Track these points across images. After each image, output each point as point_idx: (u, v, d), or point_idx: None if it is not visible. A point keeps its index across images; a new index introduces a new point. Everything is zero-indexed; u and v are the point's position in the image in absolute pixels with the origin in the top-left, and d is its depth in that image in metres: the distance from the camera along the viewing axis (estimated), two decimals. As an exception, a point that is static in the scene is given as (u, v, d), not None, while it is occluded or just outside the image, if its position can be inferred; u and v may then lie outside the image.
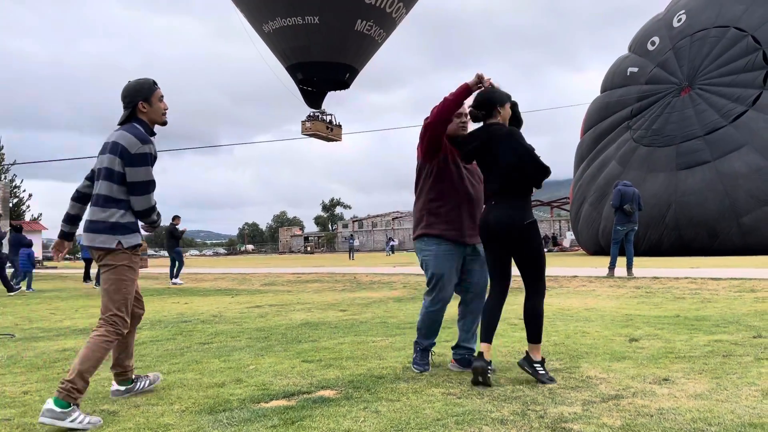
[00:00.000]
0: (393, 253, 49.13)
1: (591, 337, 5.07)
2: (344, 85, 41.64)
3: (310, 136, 43.33)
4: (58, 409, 2.93)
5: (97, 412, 3.20)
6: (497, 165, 3.68)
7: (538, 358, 3.63)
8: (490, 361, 3.64)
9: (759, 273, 10.77)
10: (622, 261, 11.66)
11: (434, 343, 4.21)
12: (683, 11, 24.70)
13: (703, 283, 9.39)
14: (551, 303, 7.86)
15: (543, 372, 3.57)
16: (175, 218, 16.29)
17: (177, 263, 15.59)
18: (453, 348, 4.18)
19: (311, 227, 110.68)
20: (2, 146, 47.82)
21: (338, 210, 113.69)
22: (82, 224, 3.54)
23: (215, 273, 19.34)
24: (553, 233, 59.06)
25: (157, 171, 3.52)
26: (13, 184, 46.86)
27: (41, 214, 50.64)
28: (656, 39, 25.28)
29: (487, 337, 3.66)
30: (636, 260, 12.15)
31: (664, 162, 21.94)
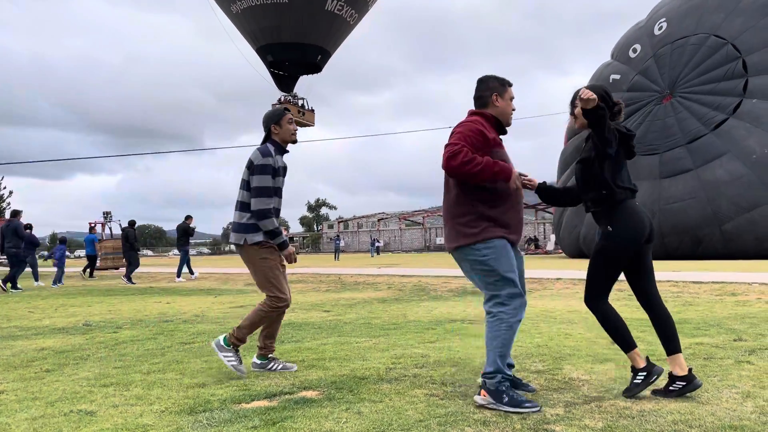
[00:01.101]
0: (378, 254, 49.11)
1: (574, 339, 5.09)
2: (316, 68, 40.17)
3: None
4: (222, 344, 3.95)
5: (74, 412, 3.15)
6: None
7: (678, 373, 3.25)
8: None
9: (740, 277, 10.89)
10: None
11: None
12: (664, 19, 25.00)
13: (685, 287, 9.48)
14: (535, 305, 7.89)
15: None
16: (188, 218, 17.06)
17: (182, 259, 16.48)
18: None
19: (296, 228, 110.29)
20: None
21: (324, 211, 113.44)
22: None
23: (198, 272, 19.20)
24: (536, 236, 59.39)
25: (140, 170, 3.58)
26: (-6, 181, 46.18)
27: (22, 212, 49.93)
28: (638, 46, 25.56)
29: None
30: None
31: (648, 170, 22.16)
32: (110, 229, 29.82)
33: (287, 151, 4.19)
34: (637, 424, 2.74)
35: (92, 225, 23.13)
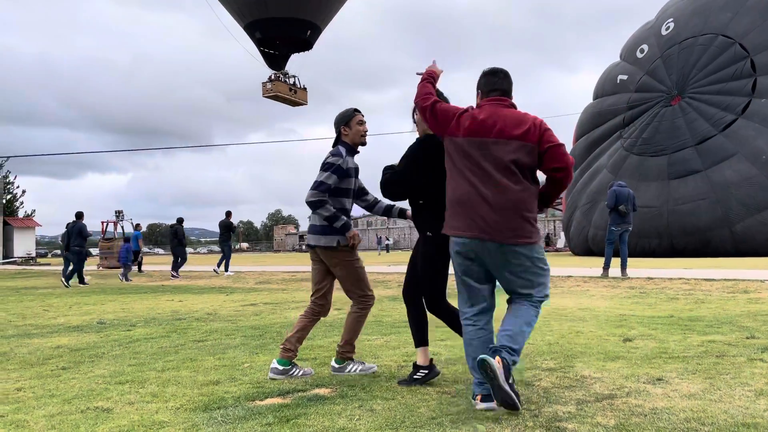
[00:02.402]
0: (388, 252, 49.08)
1: (585, 337, 5.08)
2: (306, 44, 38.86)
3: (272, 98, 39.90)
4: (336, 366, 4.02)
5: (91, 409, 3.20)
6: None
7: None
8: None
9: (752, 274, 10.82)
10: (616, 261, 11.70)
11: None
12: (671, 19, 24.88)
13: (697, 284, 9.43)
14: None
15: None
16: (229, 213, 17.91)
17: (226, 256, 17.18)
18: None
19: (306, 226, 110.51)
20: (-5, 142, 47.58)
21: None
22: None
23: (209, 271, 19.30)
24: (548, 233, 59.18)
25: (149, 169, 3.60)
26: (7, 180, 46.64)
27: (35, 211, 50.43)
28: (645, 47, 25.46)
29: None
30: (630, 261, 12.19)
31: (656, 171, 22.05)
32: (122, 228, 30.01)
33: (358, 152, 4.17)
34: (650, 422, 2.75)
35: (137, 224, 23.44)
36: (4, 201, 42.16)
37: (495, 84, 3.30)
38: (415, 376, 3.58)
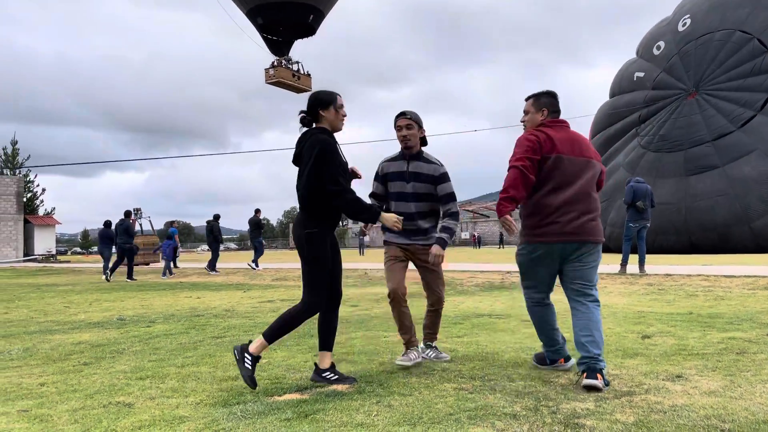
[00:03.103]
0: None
1: (603, 334, 5.05)
2: (310, 29, 38.29)
3: (274, 84, 39.08)
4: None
5: (113, 403, 3.24)
6: None
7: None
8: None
9: (773, 271, 10.67)
10: (634, 258, 11.60)
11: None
12: (688, 15, 24.68)
13: (716, 281, 9.33)
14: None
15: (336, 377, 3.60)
16: (258, 211, 18.80)
17: (258, 251, 17.82)
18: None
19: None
20: (17, 141, 48.24)
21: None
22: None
23: (227, 268, 19.44)
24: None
25: (166, 167, 3.68)
26: (27, 178, 47.27)
27: (54, 209, 51.02)
28: (662, 44, 25.26)
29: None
30: (648, 258, 12.08)
31: (673, 168, 21.84)
32: (140, 225, 30.35)
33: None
34: (669, 419, 2.73)
35: (171, 221, 23.90)
36: (24, 199, 42.74)
37: (557, 106, 3.75)
38: (325, 375, 3.65)
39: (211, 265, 17.31)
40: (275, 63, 39.01)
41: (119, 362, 4.43)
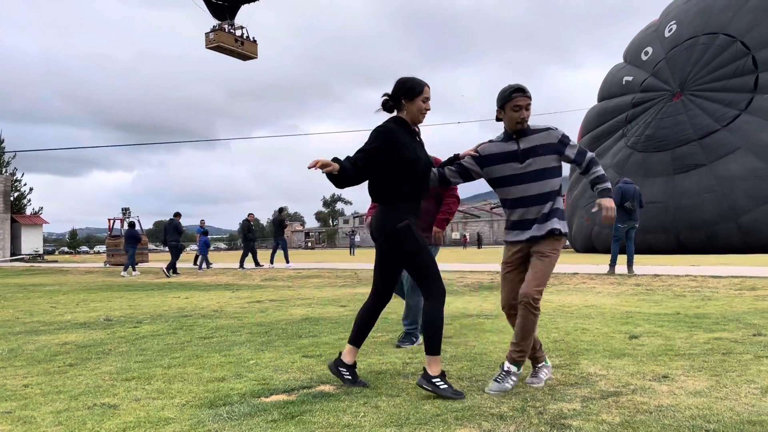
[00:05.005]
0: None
1: (591, 334, 5.07)
2: None
3: (214, 49, 36.92)
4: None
5: (97, 405, 3.21)
6: None
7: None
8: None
9: (759, 271, 10.77)
10: (622, 258, 11.66)
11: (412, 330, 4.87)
12: (674, 21, 25.25)
13: (704, 281, 9.40)
14: (551, 300, 7.87)
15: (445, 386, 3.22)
16: (282, 210, 20.86)
17: (282, 249, 18.88)
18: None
19: (312, 223, 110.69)
20: (2, 140, 47.79)
21: (339, 206, 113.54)
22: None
23: (215, 268, 19.36)
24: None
25: (154, 165, 3.62)
26: (14, 177, 46.84)
27: (42, 208, 50.62)
28: (649, 49, 25.75)
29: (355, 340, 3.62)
30: (636, 258, 12.16)
31: (660, 167, 22.11)
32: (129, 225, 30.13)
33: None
34: (655, 420, 2.74)
35: (201, 220, 23.66)
36: (11, 198, 42.34)
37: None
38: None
39: (255, 262, 18.75)
40: (216, 27, 36.67)
41: (105, 363, 4.39)
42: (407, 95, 3.43)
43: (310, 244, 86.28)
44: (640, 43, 26.77)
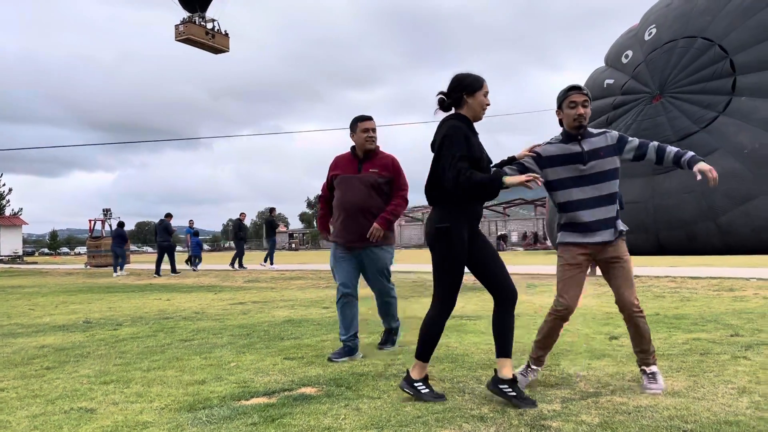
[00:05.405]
0: None
1: (571, 335, 5.10)
2: None
3: (184, 42, 36.31)
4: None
5: (74, 409, 3.17)
6: None
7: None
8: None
9: (737, 272, 10.92)
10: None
11: (345, 335, 4.50)
12: (654, 25, 25.83)
13: (683, 282, 9.51)
14: (532, 301, 7.91)
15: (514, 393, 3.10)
16: (272, 210, 21.08)
17: (271, 250, 18.77)
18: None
19: (296, 224, 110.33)
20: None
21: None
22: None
23: (198, 269, 19.22)
24: (536, 232, 59.40)
25: (136, 166, 3.57)
26: (-7, 178, 46.15)
27: (21, 209, 49.90)
28: (629, 52, 26.24)
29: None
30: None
31: (641, 167, 22.39)
32: (110, 226, 29.81)
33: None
34: (633, 420, 2.77)
35: (190, 220, 23.49)
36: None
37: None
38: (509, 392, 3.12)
39: (238, 262, 18.41)
40: (185, 19, 36.01)
41: (83, 366, 4.34)
42: (468, 90, 3.32)
43: (294, 246, 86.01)
44: (621, 46, 27.19)
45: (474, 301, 8.08)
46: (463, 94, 3.31)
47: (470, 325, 5.90)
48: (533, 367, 3.53)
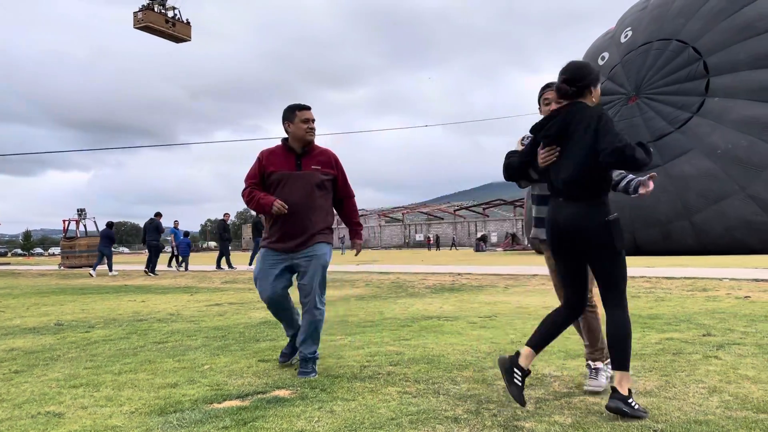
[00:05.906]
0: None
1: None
2: None
3: (143, 29, 34.72)
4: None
5: (42, 414, 3.10)
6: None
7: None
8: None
9: (711, 272, 11.09)
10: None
11: (290, 342, 4.35)
12: (629, 28, 26.32)
13: (658, 282, 9.63)
14: (510, 301, 7.95)
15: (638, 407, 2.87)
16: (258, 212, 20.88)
17: (253, 251, 18.68)
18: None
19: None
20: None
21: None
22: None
23: (174, 271, 19.02)
24: (514, 232, 59.82)
25: (112, 165, 3.52)
26: (-36, 177, 45.23)
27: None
28: (606, 54, 26.74)
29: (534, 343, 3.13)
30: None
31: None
32: (84, 226, 29.38)
33: None
34: (605, 420, 2.78)
35: (175, 221, 23.12)
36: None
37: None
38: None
39: (226, 262, 18.58)
40: (144, 6, 34.72)
41: (53, 370, 4.25)
42: (594, 83, 3.19)
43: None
44: (598, 48, 27.62)
45: (451, 302, 8.10)
46: (591, 86, 3.18)
47: (447, 325, 5.91)
48: (604, 364, 3.41)
